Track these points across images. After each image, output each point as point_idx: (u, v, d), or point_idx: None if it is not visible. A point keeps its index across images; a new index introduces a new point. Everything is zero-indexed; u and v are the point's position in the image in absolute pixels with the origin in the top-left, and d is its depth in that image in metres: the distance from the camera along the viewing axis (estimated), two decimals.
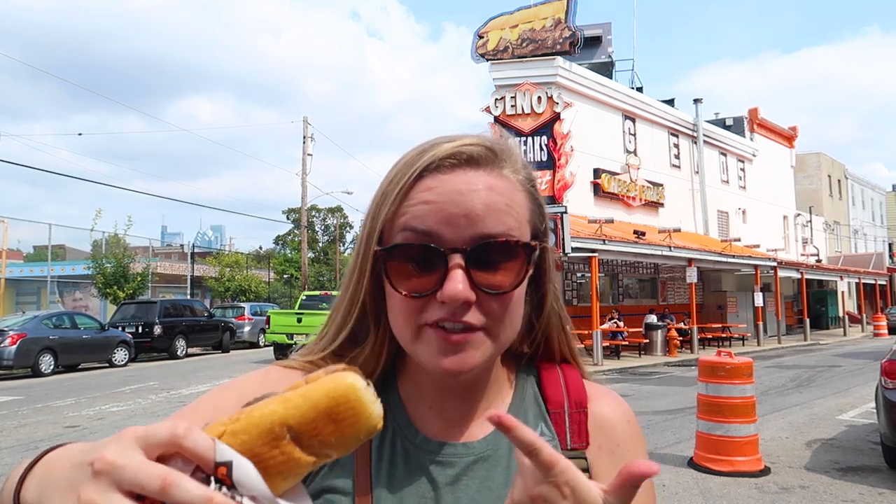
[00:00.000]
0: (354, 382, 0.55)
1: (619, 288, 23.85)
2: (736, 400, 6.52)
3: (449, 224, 0.71)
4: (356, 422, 0.55)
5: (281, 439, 0.52)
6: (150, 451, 0.46)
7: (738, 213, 30.74)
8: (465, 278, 0.70)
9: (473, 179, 0.73)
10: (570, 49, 20.79)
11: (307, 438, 0.53)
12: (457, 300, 0.69)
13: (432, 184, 0.73)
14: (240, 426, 0.52)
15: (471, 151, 0.74)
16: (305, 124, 30.88)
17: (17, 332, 16.45)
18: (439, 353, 0.72)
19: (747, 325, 25.04)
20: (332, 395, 0.54)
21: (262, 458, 0.51)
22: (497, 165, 0.76)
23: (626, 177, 23.38)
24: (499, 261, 0.72)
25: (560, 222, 16.61)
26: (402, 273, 0.72)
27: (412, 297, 0.72)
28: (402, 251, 0.72)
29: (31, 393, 13.31)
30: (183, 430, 0.47)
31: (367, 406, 0.55)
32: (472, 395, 0.82)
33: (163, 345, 21.19)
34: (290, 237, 58.16)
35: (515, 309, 0.75)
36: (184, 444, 0.46)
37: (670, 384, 13.47)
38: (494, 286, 0.71)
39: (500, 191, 0.74)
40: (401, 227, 0.73)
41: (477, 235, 0.71)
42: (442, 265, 0.70)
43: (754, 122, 33.04)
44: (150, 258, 32.21)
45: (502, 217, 0.72)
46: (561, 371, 0.87)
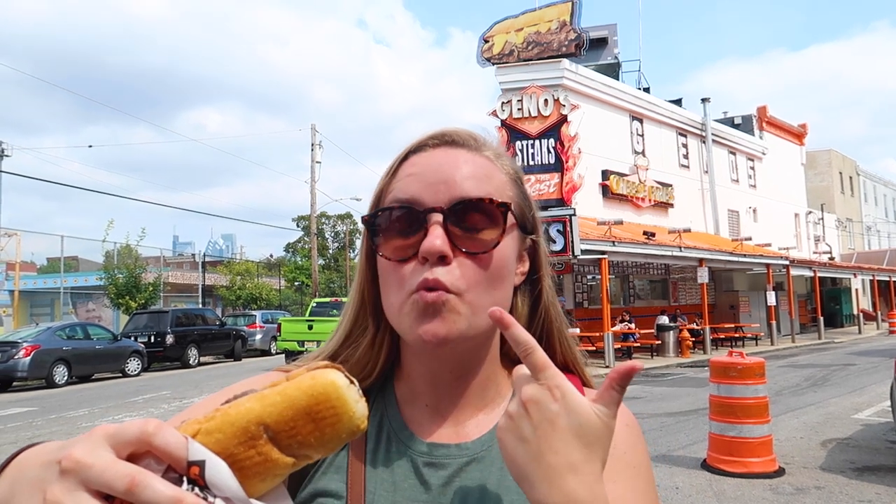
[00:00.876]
0: (335, 380, 0.53)
1: (630, 289, 23.74)
2: (748, 400, 6.46)
3: (429, 190, 0.74)
4: (337, 421, 0.52)
5: (257, 439, 0.50)
6: (120, 449, 0.45)
7: (748, 211, 30.54)
8: (443, 234, 0.72)
9: (454, 155, 0.78)
10: (576, 51, 20.77)
11: (285, 438, 0.51)
12: (433, 253, 0.71)
13: (417, 160, 0.78)
14: (214, 425, 0.50)
15: (452, 134, 0.80)
16: (313, 132, 31.01)
17: (30, 343, 16.59)
18: (418, 320, 0.72)
19: (760, 324, 24.84)
20: (312, 393, 0.52)
21: (237, 459, 0.50)
22: (477, 148, 0.80)
23: (635, 178, 23.30)
24: (476, 220, 0.74)
25: (569, 224, 16.57)
26: (387, 238, 0.75)
27: (397, 261, 0.74)
28: (386, 216, 0.76)
29: (45, 404, 13.40)
30: (153, 428, 0.45)
31: (349, 405, 0.52)
32: (467, 391, 0.82)
33: (175, 354, 21.31)
34: (300, 244, 58.33)
35: (494, 279, 0.75)
36: (154, 441, 0.45)
37: (683, 385, 13.38)
38: (472, 243, 0.73)
39: (480, 164, 0.78)
40: (389, 200, 0.77)
41: (456, 196, 0.74)
42: (423, 225, 0.73)
43: (763, 121, 32.85)
44: (162, 268, 32.41)
45: (481, 184, 0.75)
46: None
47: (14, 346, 16.41)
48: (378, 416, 0.83)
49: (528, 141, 20.03)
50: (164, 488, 0.43)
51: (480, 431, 0.80)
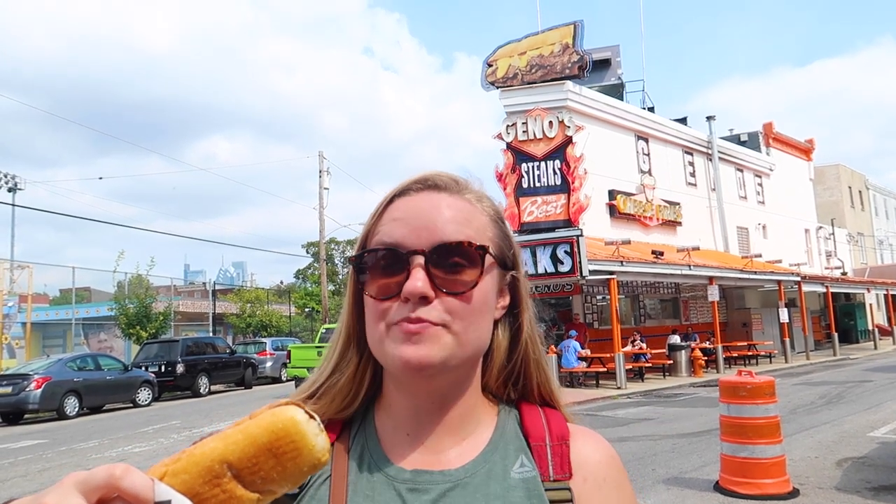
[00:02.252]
0: (294, 416, 0.55)
1: (641, 309, 23.59)
2: (759, 420, 6.37)
3: (412, 234, 0.78)
4: (298, 456, 0.54)
5: (221, 477, 0.52)
6: (90, 495, 0.46)
7: (758, 228, 30.40)
8: (425, 276, 0.75)
9: (436, 199, 0.81)
10: (579, 73, 20.89)
11: (248, 475, 0.53)
12: (415, 294, 0.74)
13: (401, 205, 0.82)
14: (180, 466, 0.52)
15: (435, 179, 0.83)
16: (321, 158, 31.25)
17: (42, 375, 16.64)
18: (401, 345, 0.75)
19: (774, 341, 24.58)
20: (272, 430, 0.53)
21: (203, 498, 0.51)
22: (459, 192, 0.83)
23: (642, 197, 23.28)
24: (457, 263, 0.77)
25: (576, 245, 16.55)
26: (373, 278, 0.79)
27: (380, 299, 0.77)
28: (371, 256, 0.80)
29: (55, 436, 13.41)
30: (120, 472, 0.47)
31: (309, 439, 0.54)
32: (448, 422, 0.83)
33: (186, 383, 21.30)
34: (310, 271, 58.47)
35: (476, 315, 0.78)
36: (121, 485, 0.46)
37: (695, 406, 13.22)
38: (452, 285, 0.77)
39: (460, 208, 0.81)
40: (374, 244, 0.81)
41: (437, 241, 0.77)
42: (405, 266, 0.77)
43: (769, 137, 32.83)
44: (173, 297, 32.54)
45: (461, 228, 0.79)
46: (542, 411, 0.89)
47: (25, 378, 16.47)
48: (359, 448, 0.84)
49: (533, 163, 20.09)
50: None
51: (464, 459, 0.82)
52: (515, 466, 0.81)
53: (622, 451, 2.15)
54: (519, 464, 0.81)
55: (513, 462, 0.81)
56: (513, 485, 0.79)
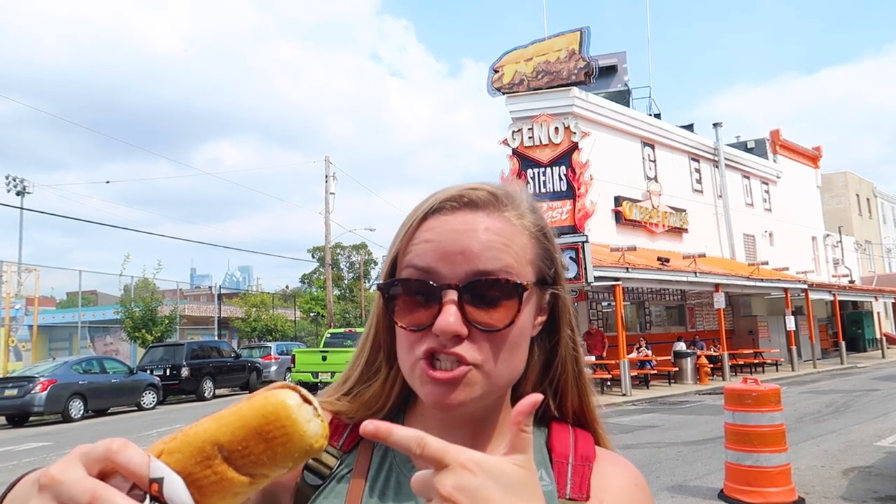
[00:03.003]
0: (285, 399, 0.53)
1: (646, 316, 23.53)
2: (764, 428, 6.33)
3: (446, 261, 0.74)
4: (287, 441, 0.53)
5: (213, 458, 0.52)
6: (90, 466, 0.48)
7: (764, 235, 30.29)
8: (458, 313, 0.72)
9: (472, 220, 0.76)
10: (586, 79, 20.91)
11: (238, 458, 0.52)
12: (447, 333, 0.71)
13: (434, 224, 0.77)
14: (175, 445, 0.52)
15: (472, 195, 0.78)
16: (327, 163, 31.32)
17: (47, 378, 16.70)
18: (427, 386, 0.73)
19: (780, 349, 24.46)
20: (262, 413, 0.53)
21: (195, 478, 0.51)
22: (498, 209, 0.78)
23: (648, 203, 23.24)
24: (492, 298, 0.73)
25: (582, 251, 16.52)
26: (402, 307, 0.76)
27: (410, 330, 0.75)
28: (402, 286, 0.76)
29: (60, 439, 13.44)
30: (117, 446, 0.48)
31: (300, 425, 0.53)
32: (478, 436, 0.82)
33: (190, 387, 21.34)
34: (315, 275, 58.57)
35: (512, 349, 0.75)
36: (116, 458, 0.48)
37: (701, 413, 13.16)
38: (486, 323, 0.73)
39: (498, 231, 0.76)
40: (405, 265, 0.77)
41: (472, 272, 0.73)
42: (437, 300, 0.73)
43: (777, 144, 32.75)
44: (178, 301, 32.63)
45: (499, 255, 0.74)
46: (573, 431, 0.86)
47: (31, 380, 16.52)
48: (383, 447, 0.83)
49: (539, 169, 20.10)
50: (123, 502, 0.46)
51: None
52: None
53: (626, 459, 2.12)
54: (538, 477, 0.79)
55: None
56: None
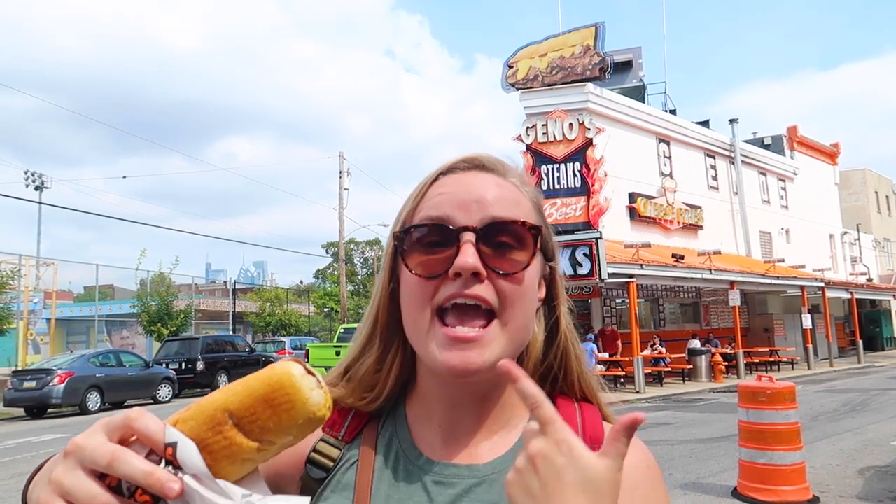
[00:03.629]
0: (290, 369, 0.58)
1: (660, 313, 23.40)
2: (779, 426, 6.28)
3: (462, 208, 0.75)
4: (291, 408, 0.57)
5: (223, 424, 0.56)
6: (111, 434, 0.53)
7: (781, 233, 30.01)
8: (476, 253, 0.73)
9: (484, 177, 0.80)
10: (600, 75, 20.79)
11: (247, 423, 0.56)
12: (467, 269, 0.72)
13: (447, 181, 0.80)
14: (189, 414, 0.57)
15: (483, 158, 0.82)
16: (341, 159, 31.40)
17: (65, 370, 16.89)
18: (447, 350, 0.73)
19: (796, 348, 24.23)
20: (268, 382, 0.57)
21: (207, 443, 0.55)
22: (504, 174, 0.82)
23: (663, 200, 23.09)
24: (508, 242, 0.75)
25: (595, 248, 16.46)
26: (418, 255, 0.76)
27: (426, 278, 0.75)
28: (418, 232, 0.77)
29: (77, 430, 13.35)
30: (135, 414, 0.53)
31: (303, 392, 0.57)
32: (483, 414, 0.81)
33: (205, 380, 21.51)
34: (329, 271, 58.79)
35: (526, 298, 0.76)
36: (135, 425, 0.53)
37: (715, 411, 13.08)
38: (504, 265, 0.74)
39: (509, 189, 0.80)
40: (420, 217, 0.78)
41: (488, 217, 0.75)
42: (455, 242, 0.74)
43: (794, 140, 32.40)
44: (194, 295, 32.89)
45: (511, 206, 0.77)
46: (579, 408, 0.85)
47: (49, 373, 16.73)
48: (388, 435, 0.84)
49: (553, 165, 20.03)
50: (140, 463, 0.51)
51: (493, 454, 0.80)
52: None
53: None
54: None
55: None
56: None
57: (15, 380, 17.00)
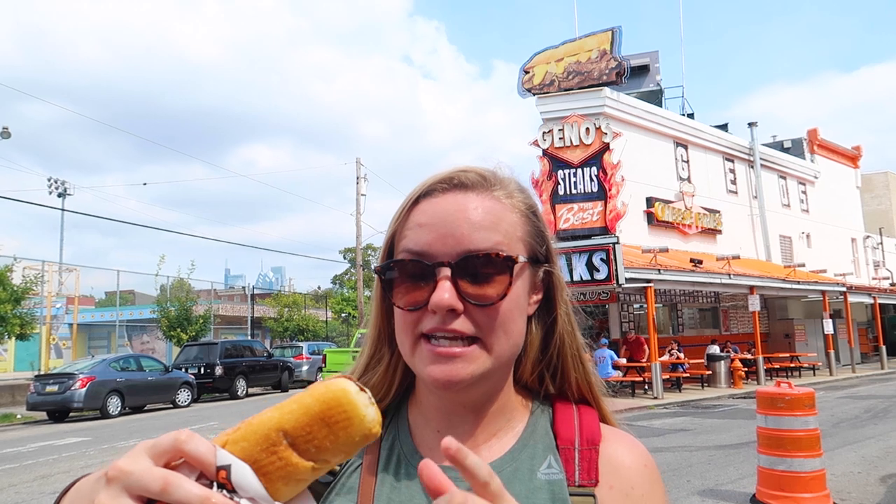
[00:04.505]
0: (346, 387, 0.57)
1: (679, 318, 23.20)
2: (798, 433, 6.21)
3: (439, 242, 0.76)
4: (349, 425, 0.56)
5: (278, 445, 0.55)
6: (158, 458, 0.51)
7: (801, 237, 29.65)
8: (452, 289, 0.74)
9: (462, 201, 0.78)
10: (617, 79, 20.71)
11: (303, 443, 0.55)
12: (442, 307, 0.73)
13: (426, 207, 0.79)
14: (240, 434, 0.55)
15: (462, 177, 0.80)
16: (358, 165, 31.56)
17: (86, 375, 17.11)
18: (430, 365, 0.75)
19: (818, 353, 23.91)
20: (324, 400, 0.56)
21: (261, 464, 0.54)
22: (487, 189, 0.80)
23: (681, 204, 22.93)
24: (484, 273, 0.75)
25: (612, 253, 16.38)
26: (399, 288, 0.77)
27: (408, 310, 0.76)
28: (397, 268, 0.78)
29: (98, 434, 13.77)
30: (185, 436, 0.51)
31: (359, 409, 0.56)
32: (479, 419, 0.82)
33: (224, 385, 21.67)
34: (346, 276, 58.99)
35: (507, 323, 0.77)
36: (185, 448, 0.50)
37: (734, 417, 12.94)
38: (480, 297, 0.75)
39: (488, 210, 0.78)
40: (401, 249, 0.79)
41: (463, 251, 0.75)
42: (432, 278, 0.75)
43: (814, 144, 32.03)
44: (213, 301, 33.16)
45: (489, 233, 0.76)
46: (577, 410, 0.86)
47: (71, 377, 16.95)
48: (390, 439, 0.85)
49: (570, 170, 19.95)
50: (194, 488, 0.49)
51: (491, 456, 0.81)
52: (543, 467, 0.79)
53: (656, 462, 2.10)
54: (546, 465, 0.79)
55: (540, 462, 0.80)
56: (538, 486, 0.77)
57: (38, 384, 17.25)
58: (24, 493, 8.03)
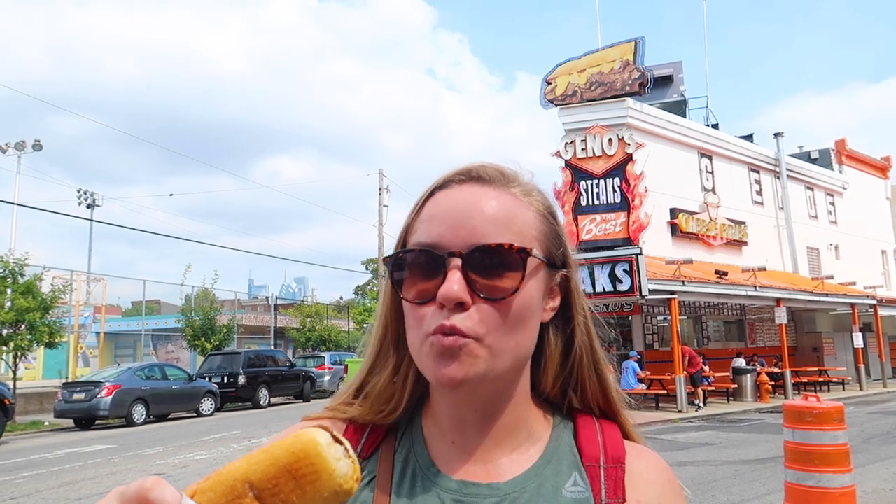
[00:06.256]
0: (315, 437, 0.54)
1: (703, 331, 22.91)
2: (827, 447, 6.07)
3: (451, 232, 0.74)
4: (317, 479, 0.53)
5: (243, 497, 0.53)
6: None
7: (829, 249, 29.16)
8: (462, 280, 0.71)
9: (478, 193, 0.76)
10: (640, 90, 20.63)
11: (269, 496, 0.53)
12: (450, 299, 0.70)
13: (441, 198, 0.77)
14: (208, 484, 0.54)
15: (480, 170, 0.79)
16: (381, 177, 31.76)
17: (112, 383, 17.34)
18: (436, 362, 0.72)
19: (847, 368, 23.43)
20: (292, 451, 0.53)
21: None
22: (504, 185, 0.78)
23: (705, 215, 22.70)
24: (496, 266, 0.72)
25: (635, 264, 16.25)
26: (408, 279, 0.75)
27: (416, 303, 0.74)
28: (407, 258, 0.76)
29: (123, 441, 13.93)
30: (150, 484, 0.50)
31: (329, 463, 0.53)
32: (493, 431, 0.80)
33: (247, 394, 21.82)
34: (368, 287, 59.23)
35: (516, 323, 0.74)
36: (150, 496, 0.50)
37: (761, 432, 12.71)
38: (490, 290, 0.72)
39: (504, 204, 0.76)
40: (412, 241, 0.77)
41: (475, 243, 0.73)
42: (441, 269, 0.72)
43: (842, 154, 31.54)
44: (236, 311, 33.48)
45: (503, 227, 0.74)
46: (599, 426, 0.83)
47: (97, 385, 17.19)
48: (405, 451, 0.82)
49: (592, 181, 19.87)
50: None
51: (514, 472, 0.78)
52: (568, 484, 0.77)
53: (680, 476, 2.06)
54: (572, 482, 0.77)
55: (565, 479, 0.77)
56: None
57: (65, 391, 17.53)
58: (50, 499, 8.14)
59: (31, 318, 17.72)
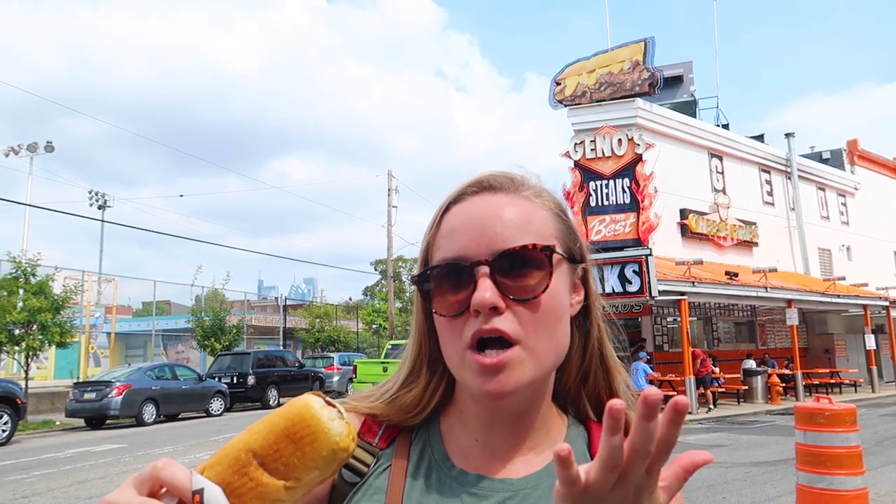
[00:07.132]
0: (309, 402, 0.57)
1: (714, 332, 22.78)
2: (839, 450, 6.01)
3: (474, 242, 0.76)
4: (314, 440, 0.56)
5: (248, 465, 0.56)
6: (141, 488, 0.54)
7: (841, 250, 28.94)
8: (493, 286, 0.73)
9: (493, 202, 0.79)
10: (650, 90, 20.54)
11: (271, 462, 0.56)
12: (484, 305, 0.72)
13: (457, 212, 0.80)
14: (215, 459, 0.57)
15: (490, 180, 0.81)
16: (390, 177, 31.79)
17: (122, 383, 17.43)
18: (480, 377, 0.73)
19: (859, 370, 23.24)
20: (288, 416, 0.57)
21: (234, 486, 0.55)
22: (516, 190, 0.81)
23: (716, 216, 22.58)
24: (523, 267, 0.75)
25: (645, 265, 16.19)
26: (439, 295, 0.77)
27: (451, 316, 0.76)
28: (435, 273, 0.78)
29: (133, 441, 14.00)
30: (161, 464, 0.54)
31: (323, 423, 0.56)
32: (518, 430, 0.82)
33: (256, 395, 21.89)
34: (377, 288, 59.31)
35: (552, 321, 0.76)
36: (161, 475, 0.53)
37: (772, 434, 12.63)
38: (521, 290, 0.74)
39: (519, 208, 0.79)
40: (436, 258, 0.79)
41: (499, 249, 0.75)
42: (471, 279, 0.74)
43: (854, 154, 31.30)
44: (246, 311, 33.60)
45: (522, 231, 0.76)
46: None
47: (108, 385, 17.28)
48: (420, 444, 0.85)
49: (602, 181, 19.82)
50: None
51: (528, 470, 0.80)
52: None
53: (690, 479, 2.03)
54: None
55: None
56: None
57: (76, 391, 17.64)
58: (61, 498, 8.19)
59: (42, 318, 17.84)
